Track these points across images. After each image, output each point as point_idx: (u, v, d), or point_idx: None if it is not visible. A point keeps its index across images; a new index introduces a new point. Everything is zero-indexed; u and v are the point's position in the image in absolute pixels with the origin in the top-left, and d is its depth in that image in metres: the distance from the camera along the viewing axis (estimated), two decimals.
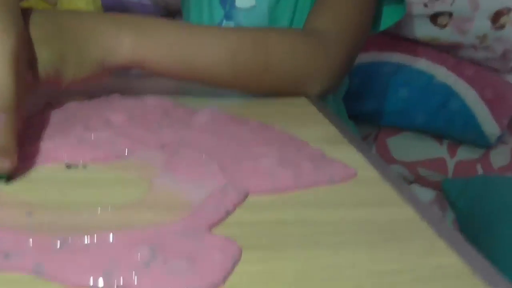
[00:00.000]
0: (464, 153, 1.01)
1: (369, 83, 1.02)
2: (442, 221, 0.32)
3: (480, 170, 0.99)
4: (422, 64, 0.99)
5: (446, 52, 0.98)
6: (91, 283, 0.24)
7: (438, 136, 1.03)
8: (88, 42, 0.45)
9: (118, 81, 0.56)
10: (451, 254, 0.29)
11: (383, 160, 0.41)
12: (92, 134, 0.39)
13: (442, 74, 0.97)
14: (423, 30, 0.95)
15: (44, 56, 0.42)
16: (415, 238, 0.30)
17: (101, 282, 0.24)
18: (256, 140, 0.41)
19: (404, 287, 0.26)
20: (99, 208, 0.31)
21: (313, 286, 0.25)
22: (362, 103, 1.02)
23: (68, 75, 0.44)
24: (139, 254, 0.25)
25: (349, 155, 0.41)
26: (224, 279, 0.25)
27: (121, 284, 0.24)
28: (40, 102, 0.46)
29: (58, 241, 0.26)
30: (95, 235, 0.27)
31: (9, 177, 0.34)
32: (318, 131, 0.46)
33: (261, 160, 0.37)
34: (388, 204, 0.34)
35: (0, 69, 0.33)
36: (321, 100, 0.56)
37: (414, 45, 0.99)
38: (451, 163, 1.00)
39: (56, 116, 0.43)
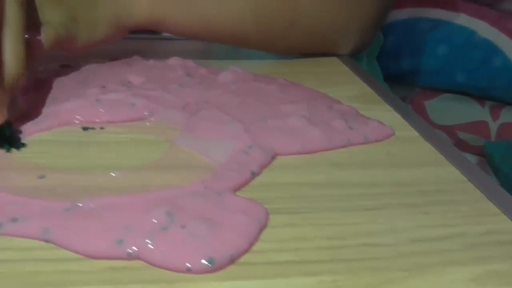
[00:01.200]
0: (508, 115, 0.96)
1: (405, 41, 0.96)
2: (491, 183, 0.29)
3: None
4: (462, 19, 0.93)
5: (487, 5, 0.92)
6: (102, 251, 0.22)
7: (480, 97, 0.98)
8: (102, 0, 0.42)
9: (138, 44, 0.54)
10: (504, 218, 0.26)
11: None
12: (110, 95, 0.36)
13: (484, 29, 0.91)
14: None
15: (54, 17, 0.39)
16: (461, 201, 0.27)
17: (112, 249, 0.22)
18: (283, 98, 0.38)
19: (452, 255, 0.23)
20: (115, 170, 0.29)
21: (348, 254, 0.23)
22: (398, 63, 0.97)
23: (81, 37, 0.41)
24: (154, 217, 0.23)
25: (385, 114, 0.37)
26: (249, 245, 0.22)
27: (135, 250, 0.22)
28: (54, 65, 0.44)
29: (68, 205, 0.24)
30: (108, 198, 0.25)
31: (18, 142, 0.31)
32: (351, 90, 0.43)
33: (289, 119, 0.34)
34: (429, 165, 0.31)
35: None
36: (353, 59, 0.53)
37: (453, 0, 0.93)
38: (493, 126, 0.95)
39: (72, 78, 0.41)
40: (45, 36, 0.37)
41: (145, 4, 0.43)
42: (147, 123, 0.35)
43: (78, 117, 0.34)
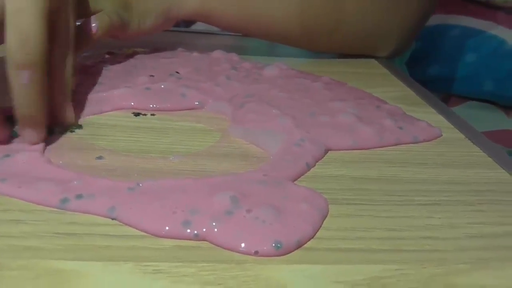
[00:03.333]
0: None
1: (434, 47, 0.96)
2: None
3: None
4: (492, 27, 0.92)
5: None
6: (170, 230, 0.22)
7: (506, 106, 0.97)
8: None
9: (180, 36, 0.54)
10: None
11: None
12: (160, 85, 0.37)
13: None
14: None
15: (107, 6, 0.40)
16: None
17: (180, 229, 0.22)
18: (329, 96, 0.38)
19: (510, 252, 0.23)
20: (172, 154, 0.29)
21: (410, 245, 0.23)
22: (425, 69, 0.97)
23: (132, 25, 0.42)
24: (220, 201, 0.24)
25: (430, 116, 0.38)
26: (314, 232, 0.23)
27: (203, 232, 0.22)
28: (101, 52, 0.45)
29: (132, 184, 0.25)
30: (171, 180, 0.25)
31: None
32: (392, 92, 0.43)
33: (338, 115, 0.34)
34: (479, 166, 0.31)
35: (27, 15, 0.27)
36: (389, 62, 0.53)
37: (483, 8, 0.93)
38: None
39: (119, 66, 0.41)
40: (99, 23, 0.38)
41: None
42: (197, 113, 0.35)
43: (129, 103, 0.35)
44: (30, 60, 0.27)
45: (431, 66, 0.96)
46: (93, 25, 0.38)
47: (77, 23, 0.38)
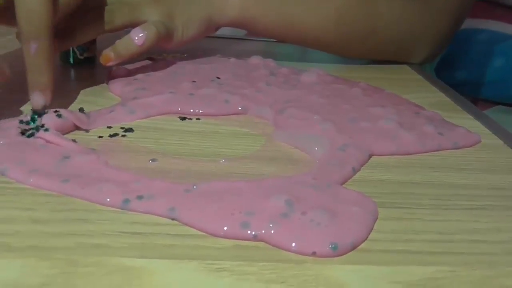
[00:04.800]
0: None
1: (462, 52, 0.96)
2: None
3: None
4: None
5: None
6: (230, 231, 0.23)
7: None
8: (197, 0, 0.44)
9: (214, 42, 0.55)
10: None
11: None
12: (203, 90, 0.38)
13: None
14: None
15: (153, 16, 0.41)
16: None
17: (239, 230, 0.23)
18: (368, 101, 0.39)
19: None
20: (221, 157, 0.30)
21: (460, 248, 0.24)
22: (453, 74, 0.97)
23: (177, 35, 0.43)
24: (275, 204, 0.24)
25: (467, 122, 0.38)
26: (367, 234, 0.24)
27: (261, 233, 0.23)
28: (141, 57, 0.46)
29: (189, 187, 0.26)
30: (225, 182, 0.26)
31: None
32: (428, 98, 0.44)
33: (380, 121, 0.35)
34: None
35: None
36: (421, 68, 0.54)
37: (511, 12, 0.93)
38: None
39: (161, 72, 0.43)
40: (147, 34, 0.39)
41: (236, 5, 0.45)
42: (241, 118, 0.37)
43: (175, 108, 0.36)
44: (36, 33, 0.32)
45: (459, 71, 0.96)
46: (141, 35, 0.39)
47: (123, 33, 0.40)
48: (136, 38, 0.39)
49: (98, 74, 0.44)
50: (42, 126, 0.31)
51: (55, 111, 0.32)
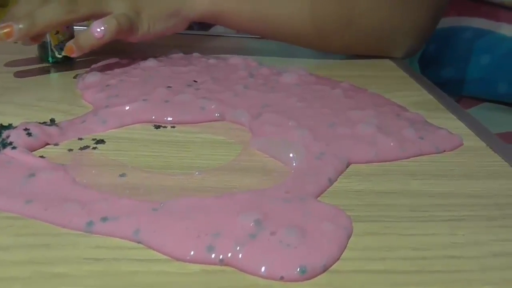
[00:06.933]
0: None
1: (447, 49, 0.95)
2: None
3: None
4: (506, 29, 0.91)
5: None
6: (195, 256, 0.22)
7: None
8: None
9: (197, 39, 0.54)
10: None
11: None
12: (179, 97, 0.37)
13: None
14: None
15: (118, 9, 0.40)
16: None
17: (204, 255, 0.22)
18: (349, 104, 0.38)
19: None
20: (194, 169, 0.29)
21: (435, 266, 0.23)
22: (438, 71, 0.96)
23: (143, 28, 0.42)
24: (243, 223, 0.24)
25: (450, 123, 0.37)
26: (340, 253, 0.23)
27: (227, 257, 0.22)
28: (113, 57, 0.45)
29: (156, 205, 0.25)
30: (194, 199, 0.26)
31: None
32: (412, 97, 0.43)
33: (358, 126, 0.34)
34: (501, 177, 0.31)
35: None
36: (406, 64, 0.53)
37: (496, 9, 0.92)
38: None
39: (135, 76, 0.42)
40: (107, 27, 0.38)
41: None
42: (216, 125, 0.36)
43: (150, 116, 0.35)
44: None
45: (444, 69, 0.94)
46: (102, 28, 0.38)
47: (85, 27, 0.39)
48: (97, 31, 0.38)
49: (74, 82, 0.42)
50: (10, 143, 0.30)
51: (25, 129, 0.31)
